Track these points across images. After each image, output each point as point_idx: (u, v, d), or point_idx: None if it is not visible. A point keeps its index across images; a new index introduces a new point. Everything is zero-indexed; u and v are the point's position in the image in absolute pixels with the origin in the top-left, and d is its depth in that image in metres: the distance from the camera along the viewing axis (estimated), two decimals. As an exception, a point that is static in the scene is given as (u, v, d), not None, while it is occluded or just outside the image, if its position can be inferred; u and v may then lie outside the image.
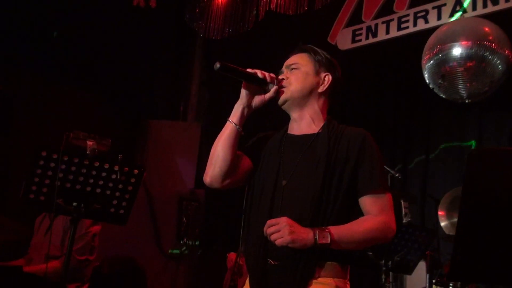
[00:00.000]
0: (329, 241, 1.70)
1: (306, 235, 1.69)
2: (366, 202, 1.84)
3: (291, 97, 1.98)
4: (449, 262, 3.45)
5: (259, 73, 1.92)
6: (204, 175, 1.98)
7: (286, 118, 2.09)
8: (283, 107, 2.03)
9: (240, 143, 1.97)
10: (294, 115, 2.04)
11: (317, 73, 2.02)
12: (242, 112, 1.95)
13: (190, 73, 6.73)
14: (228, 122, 1.95)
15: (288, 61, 2.06)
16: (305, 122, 2.01)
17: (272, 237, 1.69)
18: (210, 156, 1.96)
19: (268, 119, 2.77)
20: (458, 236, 1.41)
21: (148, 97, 6.26)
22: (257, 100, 1.97)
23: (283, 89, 1.98)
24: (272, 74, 1.96)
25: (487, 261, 1.40)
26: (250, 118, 2.00)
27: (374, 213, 1.83)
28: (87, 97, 5.33)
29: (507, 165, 1.35)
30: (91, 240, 3.27)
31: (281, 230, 1.68)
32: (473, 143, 4.65)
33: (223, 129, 1.95)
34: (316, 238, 1.69)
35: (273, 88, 1.96)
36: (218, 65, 1.81)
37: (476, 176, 1.37)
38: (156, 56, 6.36)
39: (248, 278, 1.90)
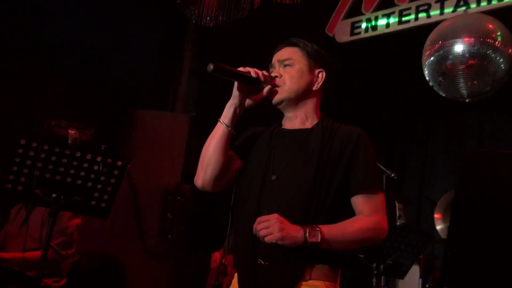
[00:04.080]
0: (319, 240, 1.67)
1: (296, 232, 1.67)
2: (359, 201, 1.82)
3: (286, 98, 1.94)
4: (440, 266, 3.41)
5: (253, 72, 1.86)
6: (196, 177, 1.95)
7: (279, 114, 2.04)
8: (278, 107, 1.98)
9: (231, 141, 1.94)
10: (288, 114, 2.01)
11: (311, 70, 1.98)
12: (234, 113, 1.90)
13: (179, 62, 6.59)
14: (219, 123, 1.90)
15: (280, 56, 2.01)
16: (299, 119, 1.99)
17: (261, 233, 1.67)
18: (201, 158, 1.92)
19: (260, 114, 2.68)
20: (449, 239, 1.42)
21: (135, 86, 6.12)
22: (250, 99, 1.91)
23: (277, 88, 1.92)
24: (265, 72, 1.91)
25: (478, 266, 1.40)
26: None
27: (366, 213, 1.80)
28: (71, 84, 5.19)
29: (500, 168, 1.36)
30: (72, 234, 3.21)
31: (270, 226, 1.66)
32: None
33: (214, 131, 1.91)
34: (306, 236, 1.67)
35: (267, 88, 1.90)
36: (211, 66, 1.77)
37: (469, 179, 1.38)
38: (144, 42, 6.20)
39: (235, 277, 1.87)
